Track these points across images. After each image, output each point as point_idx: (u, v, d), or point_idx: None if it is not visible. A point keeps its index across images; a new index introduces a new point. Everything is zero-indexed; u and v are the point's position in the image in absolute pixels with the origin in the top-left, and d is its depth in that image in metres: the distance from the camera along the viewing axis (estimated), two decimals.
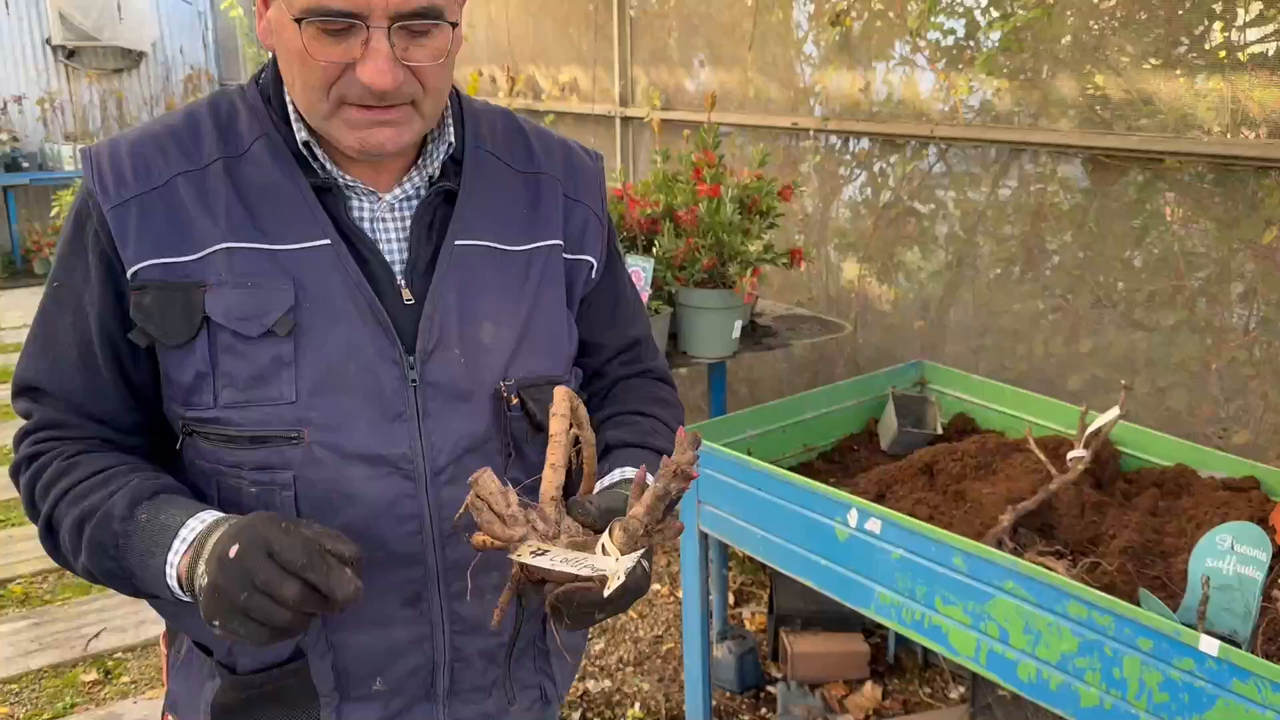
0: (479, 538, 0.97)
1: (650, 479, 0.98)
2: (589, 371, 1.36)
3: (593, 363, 1.36)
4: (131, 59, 9.89)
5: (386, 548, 1.14)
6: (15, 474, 1.17)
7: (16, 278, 8.95)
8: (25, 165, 8.91)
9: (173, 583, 1.02)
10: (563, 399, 1.02)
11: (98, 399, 1.14)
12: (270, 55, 1.17)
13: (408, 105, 1.09)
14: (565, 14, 5.03)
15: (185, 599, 1.03)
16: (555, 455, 0.99)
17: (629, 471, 1.19)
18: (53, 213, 8.54)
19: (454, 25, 1.08)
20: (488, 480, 0.97)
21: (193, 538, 1.02)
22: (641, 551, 0.95)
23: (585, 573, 0.93)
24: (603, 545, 0.94)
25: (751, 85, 3.90)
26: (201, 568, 0.97)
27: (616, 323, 1.37)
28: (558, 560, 0.93)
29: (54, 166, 8.97)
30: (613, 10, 4.59)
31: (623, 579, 0.92)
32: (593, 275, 1.32)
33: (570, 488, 1.09)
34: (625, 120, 4.73)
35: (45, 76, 9.50)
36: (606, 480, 1.17)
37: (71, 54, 9.55)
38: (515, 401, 1.18)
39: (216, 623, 0.94)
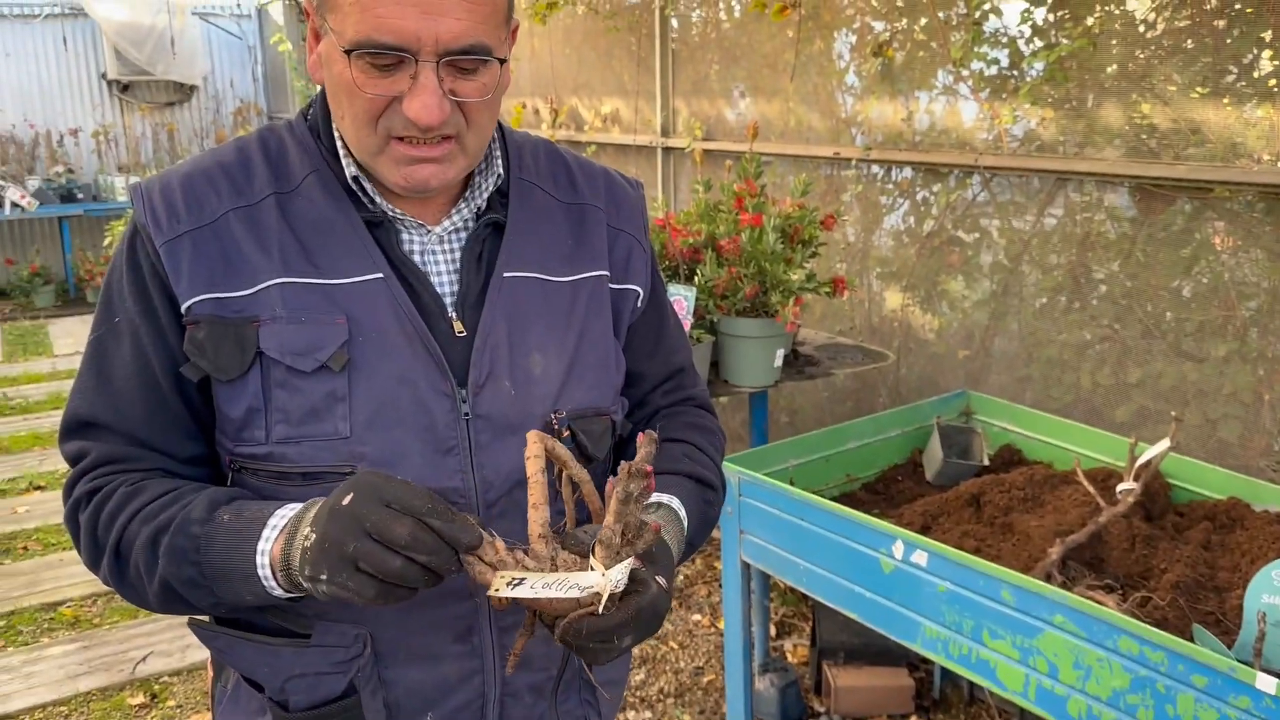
0: (494, 599, 0.96)
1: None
2: (632, 402, 1.35)
3: (636, 393, 1.35)
4: (183, 92, 10.15)
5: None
6: (73, 515, 1.14)
7: (70, 305, 9.18)
8: (80, 196, 9.16)
9: (263, 570, 1.01)
10: (534, 441, 1.02)
11: (160, 430, 1.14)
12: (319, 90, 1.18)
13: (452, 141, 1.09)
14: (607, 46, 5.09)
15: (274, 591, 1.02)
16: (535, 495, 0.99)
17: (661, 497, 1.19)
18: (105, 242, 8.78)
19: (502, 62, 1.08)
20: None
21: (284, 524, 1.02)
22: (629, 561, 0.94)
23: (574, 594, 0.92)
24: (590, 564, 0.94)
25: (793, 115, 3.91)
26: (306, 530, 0.96)
27: (660, 352, 1.36)
28: (539, 586, 0.92)
29: (107, 197, 9.21)
30: (654, 42, 4.63)
31: (612, 590, 0.92)
32: (639, 304, 1.32)
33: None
34: (667, 151, 4.76)
35: (101, 110, 9.80)
36: None
37: (126, 88, 9.83)
38: (566, 434, 1.18)
39: (324, 577, 0.93)
